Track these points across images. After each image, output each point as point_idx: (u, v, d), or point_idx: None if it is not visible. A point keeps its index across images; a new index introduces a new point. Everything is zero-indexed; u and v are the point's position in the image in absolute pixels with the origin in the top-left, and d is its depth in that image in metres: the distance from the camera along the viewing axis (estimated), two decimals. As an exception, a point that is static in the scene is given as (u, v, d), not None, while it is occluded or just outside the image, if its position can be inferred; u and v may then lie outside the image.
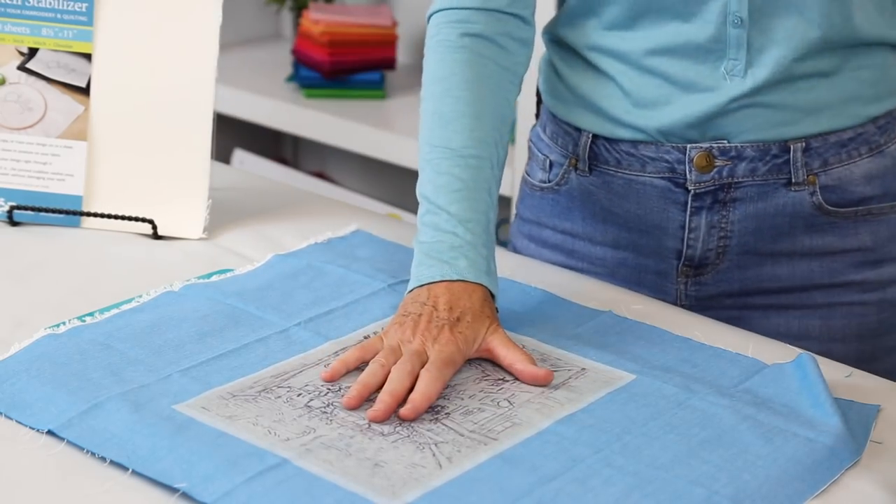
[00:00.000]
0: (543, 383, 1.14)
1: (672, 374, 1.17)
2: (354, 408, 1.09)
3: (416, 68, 3.11)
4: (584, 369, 1.17)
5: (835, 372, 1.20)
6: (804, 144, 1.31)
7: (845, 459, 1.05)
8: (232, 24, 2.48)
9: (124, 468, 1.02)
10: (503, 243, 2.65)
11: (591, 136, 1.38)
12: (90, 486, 1.00)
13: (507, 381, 1.15)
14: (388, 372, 1.12)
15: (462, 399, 1.12)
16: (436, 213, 1.25)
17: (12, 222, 1.48)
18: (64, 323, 1.23)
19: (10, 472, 1.02)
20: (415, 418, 1.08)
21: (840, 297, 1.37)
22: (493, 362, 1.18)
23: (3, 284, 1.34)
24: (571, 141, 1.40)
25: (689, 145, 1.32)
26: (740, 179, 1.32)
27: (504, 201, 2.46)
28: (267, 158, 3.13)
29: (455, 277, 1.20)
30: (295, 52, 2.90)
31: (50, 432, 1.06)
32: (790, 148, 1.31)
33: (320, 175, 3.18)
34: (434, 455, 1.03)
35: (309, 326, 1.24)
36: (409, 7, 3.00)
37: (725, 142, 1.31)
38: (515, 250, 1.52)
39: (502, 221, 2.66)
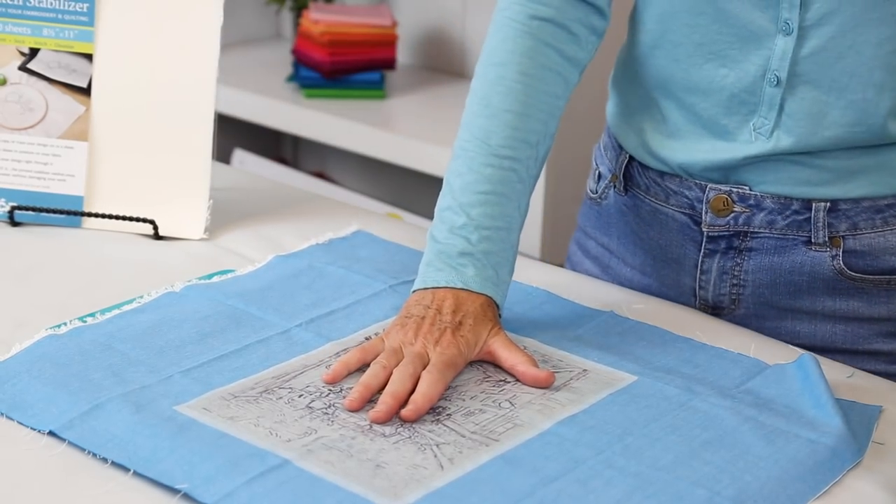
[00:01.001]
0: (545, 385, 1.14)
1: (673, 375, 1.17)
2: (356, 409, 1.09)
3: (416, 68, 3.13)
4: (585, 370, 1.17)
5: (836, 372, 1.20)
6: (828, 205, 1.25)
7: (847, 460, 1.05)
8: (232, 24, 2.48)
9: (125, 469, 1.02)
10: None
11: (628, 156, 1.37)
12: (91, 487, 1.00)
13: (509, 382, 1.15)
14: (390, 373, 1.12)
15: (463, 400, 1.12)
16: (455, 212, 1.23)
17: (13, 223, 1.48)
18: (65, 323, 1.23)
19: (11, 473, 1.02)
20: (416, 419, 1.08)
21: (864, 364, 1.29)
22: (495, 366, 1.18)
23: (4, 285, 1.34)
24: (615, 156, 1.39)
25: (709, 185, 1.29)
26: (757, 229, 1.28)
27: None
28: (267, 158, 3.13)
29: (459, 286, 1.19)
30: (295, 52, 2.90)
31: (51, 433, 1.06)
32: (812, 206, 1.26)
33: (320, 175, 3.18)
34: (435, 456, 1.03)
35: (310, 327, 1.24)
36: (409, 7, 3.00)
37: (747, 188, 1.27)
38: (569, 255, 1.51)
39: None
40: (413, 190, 2.98)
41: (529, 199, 1.27)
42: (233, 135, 3.09)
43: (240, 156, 3.10)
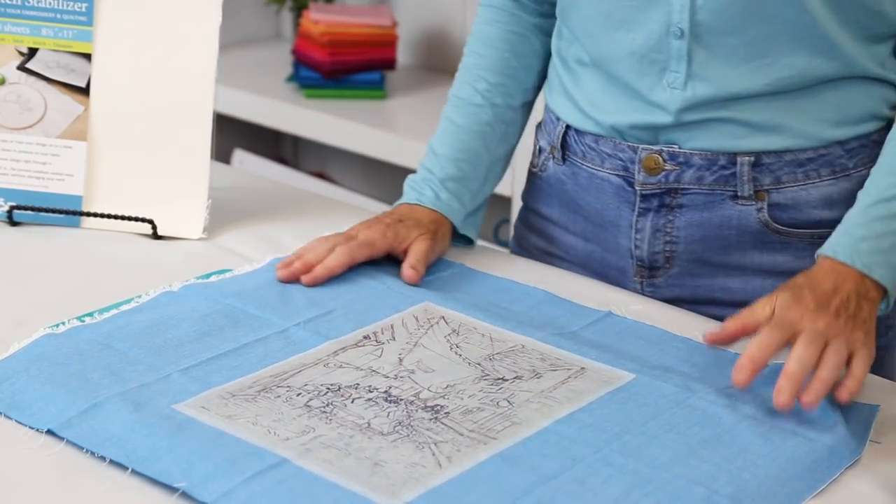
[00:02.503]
0: (407, 281, 1.32)
1: (671, 373, 1.17)
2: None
3: (416, 68, 3.13)
4: (583, 369, 1.17)
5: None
6: (753, 159, 1.30)
7: (844, 459, 1.06)
8: (232, 24, 2.48)
9: (124, 468, 1.02)
10: (503, 243, 2.64)
11: (565, 125, 1.41)
12: (90, 486, 1.00)
13: (507, 380, 1.15)
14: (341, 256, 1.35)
15: (461, 398, 1.12)
16: (426, 156, 1.44)
17: (12, 222, 1.48)
18: (63, 323, 1.23)
19: (9, 472, 1.02)
20: (312, 280, 1.32)
21: None
22: (493, 365, 1.18)
23: (3, 284, 1.34)
24: (553, 129, 1.44)
25: (640, 146, 1.34)
26: (686, 186, 1.33)
27: (504, 201, 2.46)
28: (267, 158, 3.14)
29: (414, 202, 1.41)
30: (295, 52, 2.90)
31: (49, 432, 1.06)
32: (738, 160, 1.30)
33: (320, 175, 3.18)
34: (433, 454, 1.03)
35: (308, 326, 1.24)
36: (409, 7, 3.00)
37: (676, 147, 1.32)
38: (515, 233, 1.56)
39: (502, 221, 2.66)
40: (413, 190, 2.98)
41: (507, 147, 1.47)
42: (233, 135, 3.09)
43: (240, 156, 3.10)
